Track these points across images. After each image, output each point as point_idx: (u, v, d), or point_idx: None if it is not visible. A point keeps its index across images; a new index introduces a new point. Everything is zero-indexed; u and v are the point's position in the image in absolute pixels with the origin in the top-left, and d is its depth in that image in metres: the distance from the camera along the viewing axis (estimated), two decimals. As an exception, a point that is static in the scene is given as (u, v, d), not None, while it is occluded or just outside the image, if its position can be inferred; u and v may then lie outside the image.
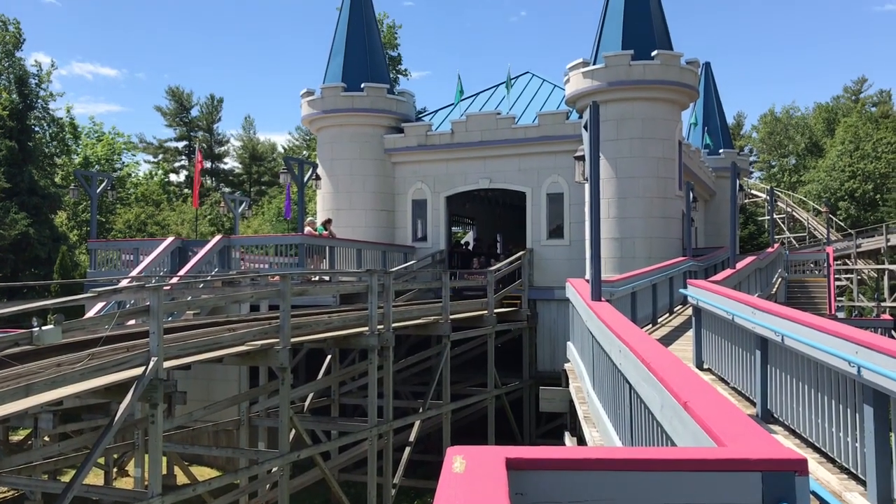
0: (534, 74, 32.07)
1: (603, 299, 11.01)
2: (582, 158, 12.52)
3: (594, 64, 24.46)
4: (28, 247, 35.29)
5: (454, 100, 29.91)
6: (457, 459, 2.67)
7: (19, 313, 12.13)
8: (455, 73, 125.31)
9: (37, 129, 45.88)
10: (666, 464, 2.82)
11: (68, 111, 55.88)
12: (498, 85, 31.49)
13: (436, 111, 31.55)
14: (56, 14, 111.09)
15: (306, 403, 20.66)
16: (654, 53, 23.80)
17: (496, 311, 22.82)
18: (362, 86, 27.97)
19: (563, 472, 2.82)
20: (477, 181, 27.68)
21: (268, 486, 17.16)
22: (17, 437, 22.59)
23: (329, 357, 20.55)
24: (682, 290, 14.48)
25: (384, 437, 17.21)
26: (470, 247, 33.38)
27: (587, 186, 12.74)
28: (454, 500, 2.28)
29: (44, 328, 9.69)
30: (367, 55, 29.03)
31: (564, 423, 14.24)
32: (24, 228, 33.52)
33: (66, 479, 16.74)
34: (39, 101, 45.45)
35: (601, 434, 8.58)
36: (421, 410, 19.29)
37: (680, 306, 19.23)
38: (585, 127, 11.13)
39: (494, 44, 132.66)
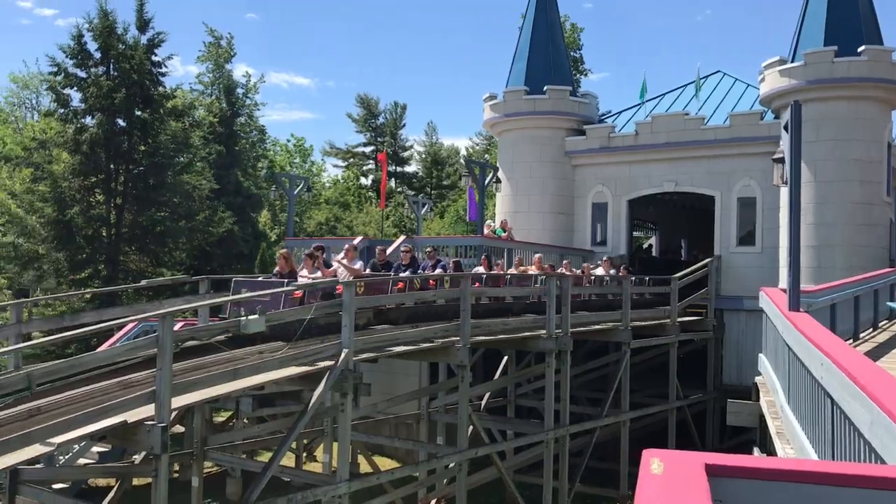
0: (725, 73, 30.67)
1: (801, 310, 10.39)
2: (780, 161, 11.88)
3: (792, 61, 23.07)
4: (232, 243, 38.28)
5: (638, 98, 29.22)
6: (654, 461, 2.66)
7: (223, 304, 13.23)
8: (635, 74, 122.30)
9: (241, 134, 49.59)
10: (881, 481, 2.65)
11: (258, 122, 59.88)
12: (686, 85, 30.41)
13: (618, 113, 30.95)
14: (256, 27, 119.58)
15: (483, 402, 20.97)
16: (860, 49, 22.10)
17: (679, 319, 22.08)
18: (545, 88, 27.94)
19: (765, 482, 2.74)
20: (661, 184, 26.87)
21: (445, 480, 17.59)
22: (219, 419, 24.59)
23: (506, 358, 20.75)
24: (889, 304, 13.38)
25: (560, 441, 17.13)
26: (653, 252, 32.52)
27: (783, 190, 12.09)
28: (657, 499, 2.27)
29: (250, 318, 10.52)
30: (550, 58, 28.97)
31: (752, 438, 13.56)
32: (230, 226, 36.34)
33: (262, 458, 18.01)
34: (245, 109, 49.06)
35: (796, 451, 8.10)
36: (599, 417, 19.03)
37: (885, 321, 17.70)
38: (785, 128, 10.57)
39: (678, 44, 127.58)
